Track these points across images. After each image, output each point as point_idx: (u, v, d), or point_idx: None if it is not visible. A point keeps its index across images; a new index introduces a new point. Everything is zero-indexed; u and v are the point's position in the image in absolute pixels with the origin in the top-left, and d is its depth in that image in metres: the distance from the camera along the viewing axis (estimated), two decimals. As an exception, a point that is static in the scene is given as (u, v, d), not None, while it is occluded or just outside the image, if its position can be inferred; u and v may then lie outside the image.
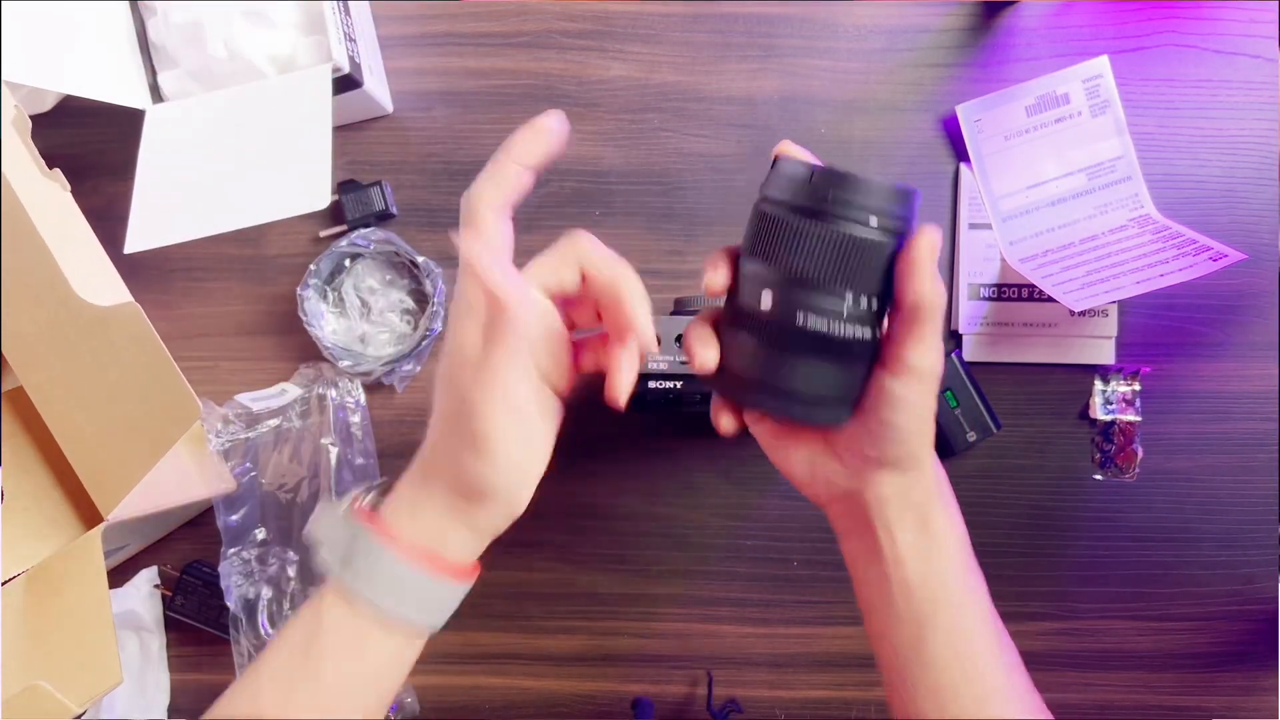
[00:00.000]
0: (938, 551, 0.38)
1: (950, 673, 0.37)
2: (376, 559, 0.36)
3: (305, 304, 0.58)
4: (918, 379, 0.36)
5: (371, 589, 0.36)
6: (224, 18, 0.54)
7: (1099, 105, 0.58)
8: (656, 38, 0.60)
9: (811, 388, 0.37)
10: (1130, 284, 0.53)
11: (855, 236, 0.34)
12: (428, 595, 0.38)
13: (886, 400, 0.36)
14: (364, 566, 0.36)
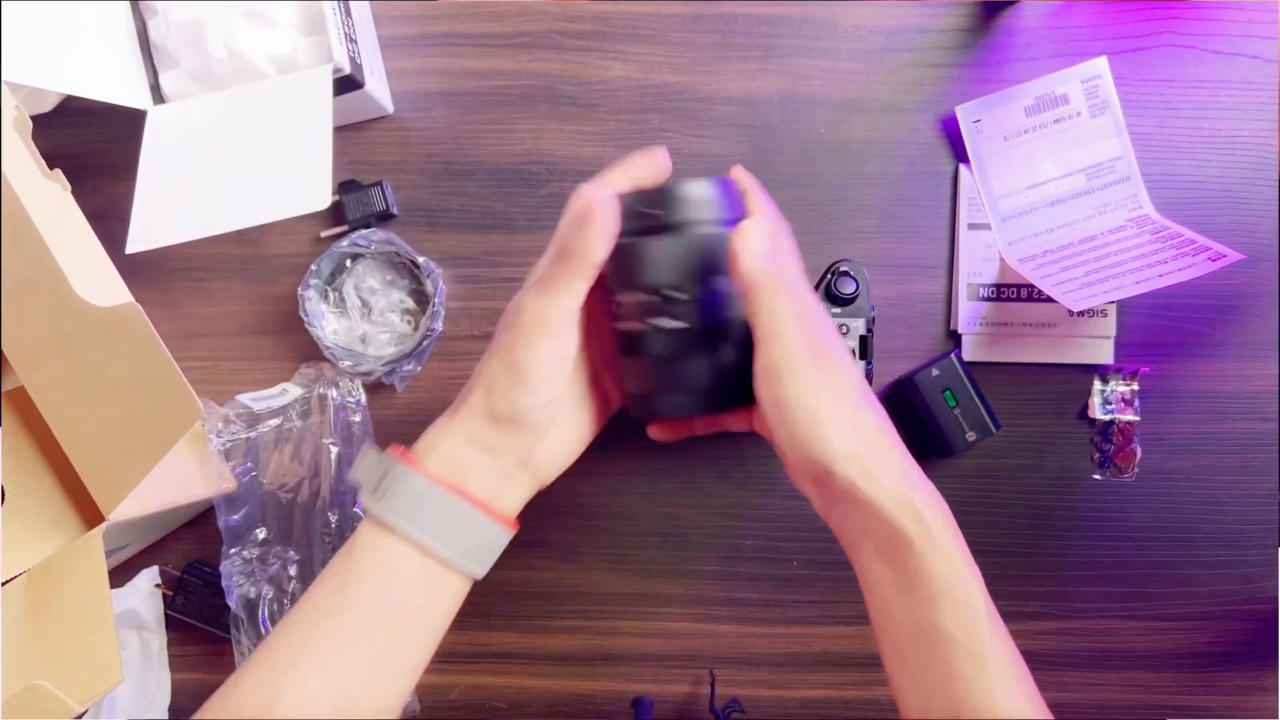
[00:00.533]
0: (918, 592, 0.35)
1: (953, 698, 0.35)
2: (401, 483, 0.38)
3: (306, 304, 0.59)
4: (773, 350, 0.36)
5: (395, 511, 0.37)
6: (224, 18, 0.54)
7: (1098, 106, 0.58)
8: (656, 38, 0.60)
9: (701, 379, 0.40)
10: (1129, 284, 0.53)
11: (680, 238, 0.39)
12: (451, 521, 0.38)
13: (763, 393, 0.37)
14: (390, 492, 0.38)
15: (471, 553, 0.39)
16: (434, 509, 0.38)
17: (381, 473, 0.39)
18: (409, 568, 0.38)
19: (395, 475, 0.38)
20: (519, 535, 0.61)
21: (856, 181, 0.60)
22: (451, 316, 0.61)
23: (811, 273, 0.57)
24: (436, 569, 0.39)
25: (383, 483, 0.38)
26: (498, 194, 0.61)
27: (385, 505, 0.38)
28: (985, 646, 0.35)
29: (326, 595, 0.38)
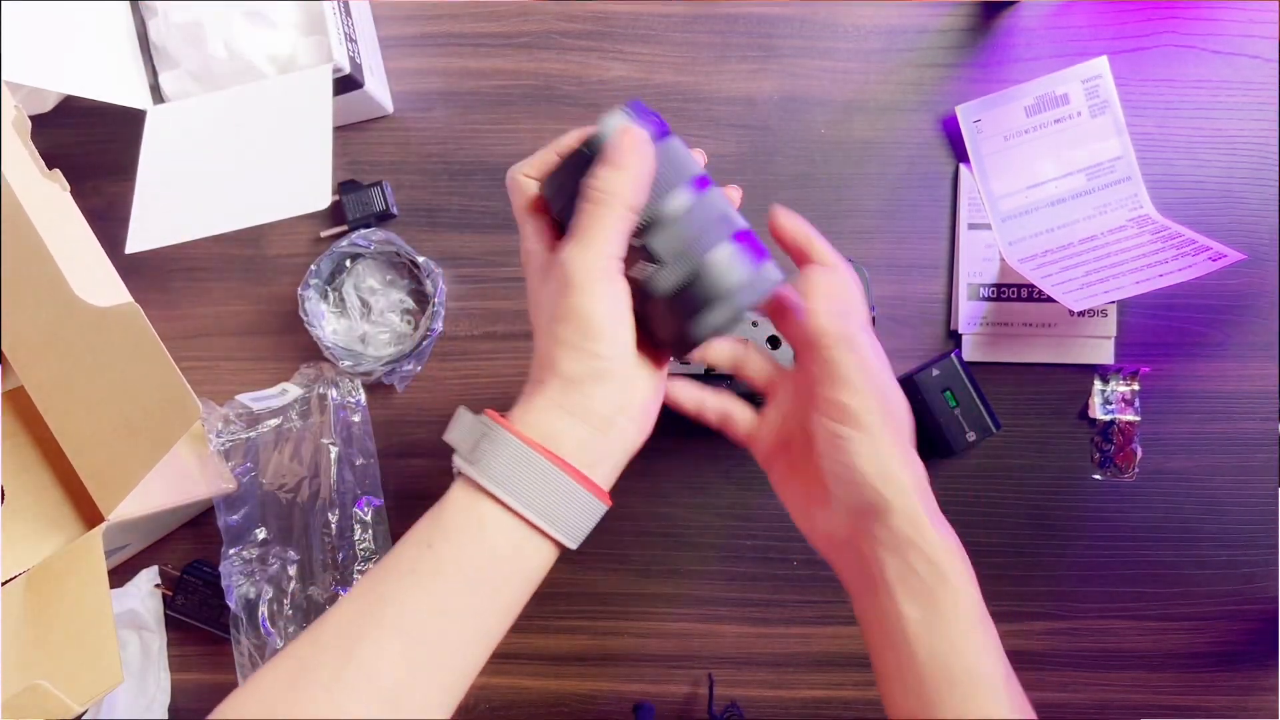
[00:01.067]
0: (946, 625, 0.37)
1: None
2: (499, 446, 0.37)
3: (306, 304, 0.59)
4: (846, 397, 0.37)
5: (491, 473, 0.36)
6: (224, 18, 0.54)
7: (1098, 105, 0.58)
8: (656, 38, 0.60)
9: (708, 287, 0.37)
10: (1129, 284, 0.53)
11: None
12: (545, 486, 0.37)
13: (829, 442, 0.38)
14: (487, 454, 0.37)
15: (564, 520, 0.38)
16: (529, 473, 0.37)
17: (478, 435, 0.37)
18: (500, 532, 0.37)
19: (492, 438, 0.37)
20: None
21: (856, 181, 0.60)
22: (451, 316, 0.61)
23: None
24: (526, 535, 0.37)
25: (479, 445, 0.37)
26: (498, 194, 0.61)
27: (481, 468, 0.37)
28: (999, 682, 0.36)
29: (413, 554, 0.37)
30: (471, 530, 0.37)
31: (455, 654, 0.37)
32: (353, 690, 0.34)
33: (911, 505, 0.37)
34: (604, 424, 0.39)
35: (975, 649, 0.37)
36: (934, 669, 0.36)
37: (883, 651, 0.39)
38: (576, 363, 0.37)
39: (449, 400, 0.61)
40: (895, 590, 0.37)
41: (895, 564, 0.37)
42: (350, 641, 0.35)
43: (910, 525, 0.37)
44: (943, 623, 0.37)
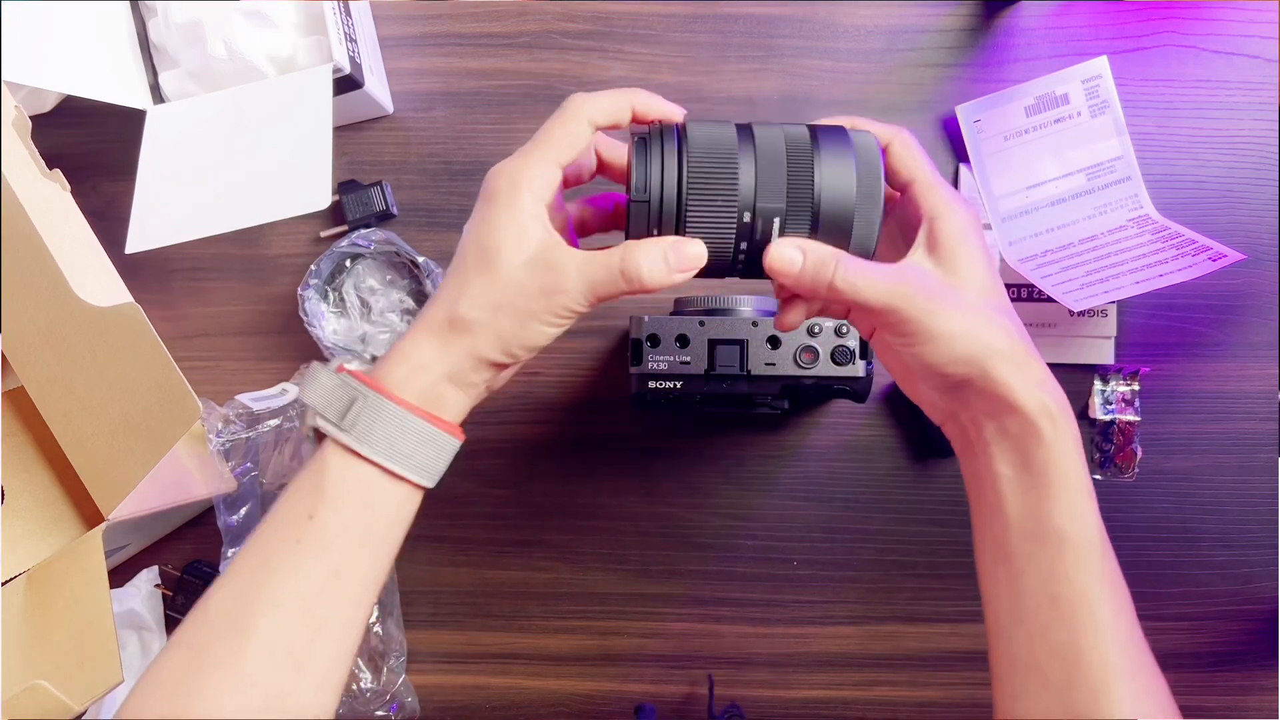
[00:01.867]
0: (1038, 485, 0.36)
1: (1042, 618, 0.36)
2: (376, 415, 0.36)
3: (306, 304, 0.59)
4: (949, 227, 0.37)
5: (371, 442, 0.36)
6: (224, 18, 0.54)
7: (1098, 105, 0.58)
8: (656, 38, 0.60)
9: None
10: (1129, 284, 0.53)
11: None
12: (425, 445, 0.37)
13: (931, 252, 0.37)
14: (367, 421, 0.36)
15: (434, 470, 0.38)
16: (410, 439, 0.37)
17: (348, 399, 0.36)
18: (382, 494, 0.37)
19: (371, 408, 0.36)
20: (519, 535, 0.61)
21: (856, 181, 0.60)
22: (451, 316, 0.61)
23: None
24: (406, 492, 0.38)
25: (351, 410, 0.36)
26: (498, 194, 0.61)
27: (358, 436, 0.36)
28: (1093, 549, 0.36)
29: (298, 526, 0.36)
30: (356, 498, 0.37)
31: (350, 609, 0.37)
32: (259, 662, 0.34)
33: (1001, 365, 0.36)
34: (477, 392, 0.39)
35: (1067, 510, 0.36)
36: (1023, 529, 0.36)
37: (979, 515, 0.38)
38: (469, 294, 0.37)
39: (449, 400, 0.61)
40: (991, 450, 0.37)
41: (991, 426, 0.37)
42: (245, 617, 0.35)
43: (1001, 387, 0.36)
44: (1034, 482, 0.36)
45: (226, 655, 0.35)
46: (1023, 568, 0.37)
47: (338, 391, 0.37)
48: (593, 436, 0.61)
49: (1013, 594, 0.37)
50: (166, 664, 0.35)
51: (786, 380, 0.51)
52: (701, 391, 0.51)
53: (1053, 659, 0.35)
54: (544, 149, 0.38)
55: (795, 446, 0.60)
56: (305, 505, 0.37)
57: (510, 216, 0.37)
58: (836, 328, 0.50)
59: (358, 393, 0.36)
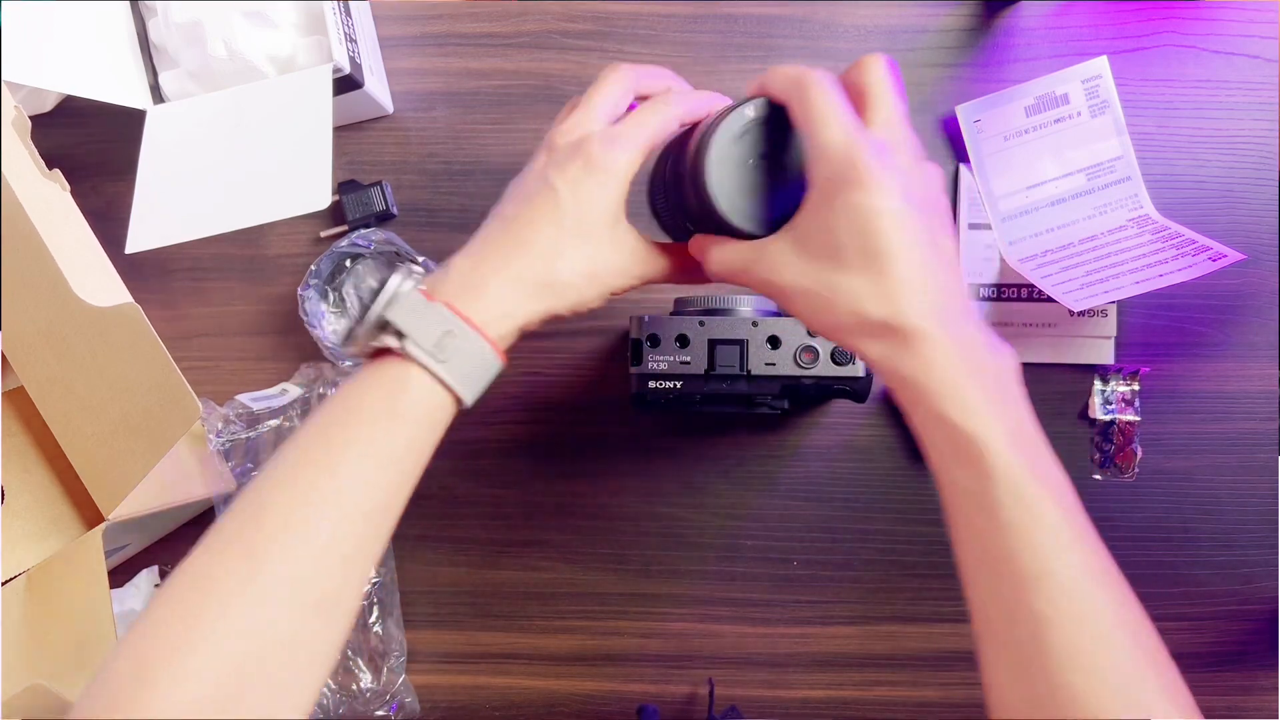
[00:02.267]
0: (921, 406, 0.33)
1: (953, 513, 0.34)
2: (469, 350, 0.38)
3: (306, 304, 0.59)
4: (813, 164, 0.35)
5: (455, 374, 0.37)
6: (224, 18, 0.54)
7: (1098, 105, 0.58)
8: (656, 38, 0.60)
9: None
10: (1129, 284, 0.53)
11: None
12: (486, 372, 0.39)
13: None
14: (454, 354, 0.37)
15: (480, 391, 0.39)
16: (483, 371, 0.38)
17: (443, 329, 0.37)
18: (446, 418, 0.38)
19: (466, 341, 0.37)
20: (519, 535, 0.61)
21: (856, 181, 0.60)
22: (451, 316, 0.61)
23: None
24: (453, 408, 0.39)
25: (445, 341, 0.37)
26: (497, 194, 0.60)
27: (450, 368, 0.37)
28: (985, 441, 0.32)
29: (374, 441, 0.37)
30: (428, 425, 0.38)
31: (388, 531, 0.37)
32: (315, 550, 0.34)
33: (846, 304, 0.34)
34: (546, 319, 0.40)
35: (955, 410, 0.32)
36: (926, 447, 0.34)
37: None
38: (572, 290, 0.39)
39: (449, 400, 0.61)
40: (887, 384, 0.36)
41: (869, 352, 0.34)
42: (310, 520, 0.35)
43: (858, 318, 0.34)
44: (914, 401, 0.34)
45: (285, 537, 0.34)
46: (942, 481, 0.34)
47: (433, 318, 0.38)
48: (593, 436, 0.61)
49: (967, 556, 0.35)
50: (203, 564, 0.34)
51: (786, 380, 0.51)
52: (701, 391, 0.51)
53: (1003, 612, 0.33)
54: (644, 135, 0.40)
55: (795, 446, 0.60)
56: (384, 423, 0.37)
57: (616, 198, 0.39)
58: (836, 328, 0.50)
59: (454, 325, 0.37)
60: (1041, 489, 0.32)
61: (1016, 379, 0.34)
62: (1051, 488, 0.33)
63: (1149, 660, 0.32)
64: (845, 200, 0.34)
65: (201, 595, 0.33)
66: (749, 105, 0.39)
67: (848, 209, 0.34)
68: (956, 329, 0.33)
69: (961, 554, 0.35)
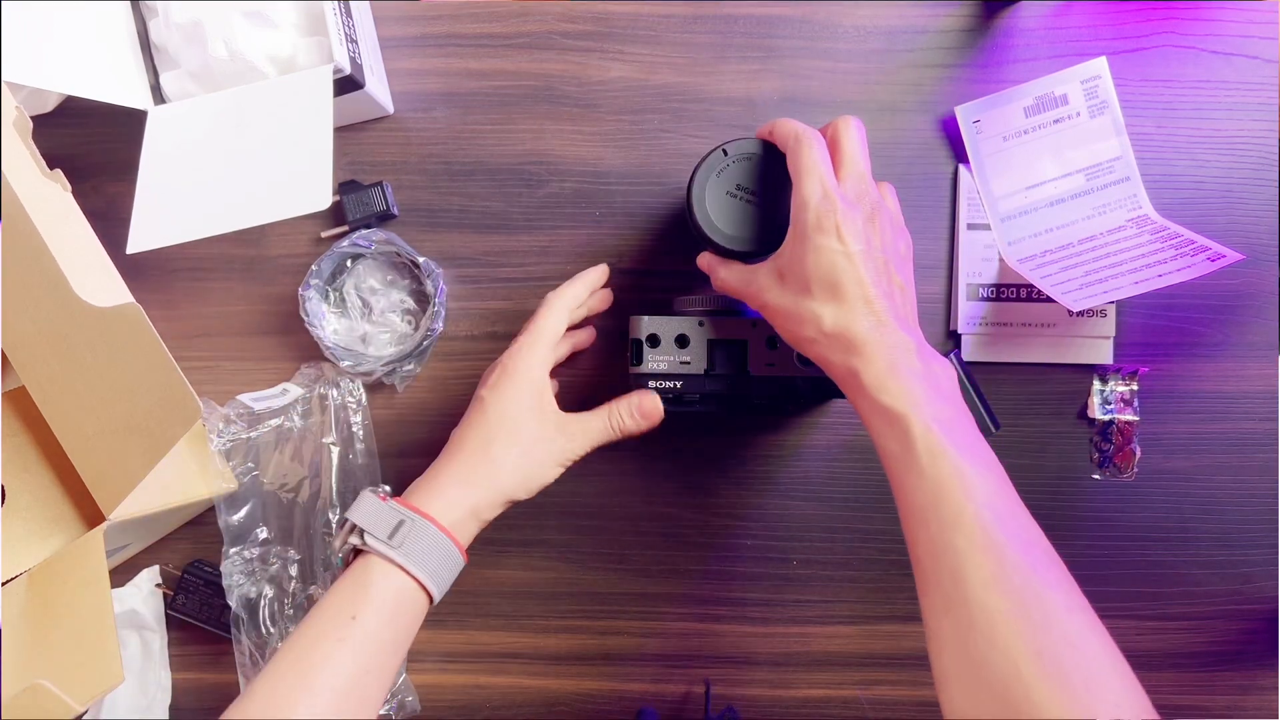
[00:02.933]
0: (865, 403, 0.42)
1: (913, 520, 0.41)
2: (420, 536, 0.45)
3: (307, 304, 0.59)
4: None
5: (413, 558, 0.44)
6: (225, 18, 0.54)
7: (1097, 106, 0.58)
8: (656, 39, 0.60)
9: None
10: (1129, 284, 0.53)
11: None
12: (451, 565, 0.47)
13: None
14: (409, 540, 0.45)
15: (446, 587, 0.47)
16: (440, 557, 0.46)
17: (396, 521, 0.45)
18: (412, 603, 0.45)
19: (417, 530, 0.45)
20: (519, 535, 0.61)
21: (856, 182, 0.60)
22: (452, 316, 0.61)
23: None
24: (424, 600, 0.46)
25: (399, 531, 0.45)
26: (498, 194, 0.61)
27: (404, 553, 0.44)
28: (922, 430, 0.40)
29: (339, 625, 0.43)
30: (391, 605, 0.44)
31: (373, 702, 0.44)
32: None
33: (813, 323, 0.43)
34: (486, 523, 0.49)
35: (894, 397, 0.41)
36: (871, 432, 0.43)
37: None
38: (510, 487, 0.49)
39: (450, 400, 0.61)
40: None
41: (834, 368, 0.44)
42: (284, 705, 0.41)
43: (819, 340, 0.43)
44: (861, 401, 0.42)
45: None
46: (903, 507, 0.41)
47: (386, 515, 0.45)
48: (593, 436, 0.61)
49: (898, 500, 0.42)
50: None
51: (786, 380, 0.51)
52: (701, 391, 0.51)
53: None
54: (540, 337, 0.50)
55: (795, 446, 0.60)
56: (349, 608, 0.43)
57: (530, 391, 0.49)
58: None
59: (405, 517, 0.45)
60: (954, 450, 0.39)
61: (948, 378, 0.43)
62: (965, 450, 0.39)
63: (1043, 566, 0.37)
64: (816, 242, 0.43)
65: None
66: (728, 146, 0.50)
67: (817, 250, 0.43)
68: (894, 339, 0.42)
69: (901, 513, 0.41)
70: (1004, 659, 0.34)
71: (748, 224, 0.50)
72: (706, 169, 0.50)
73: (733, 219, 0.50)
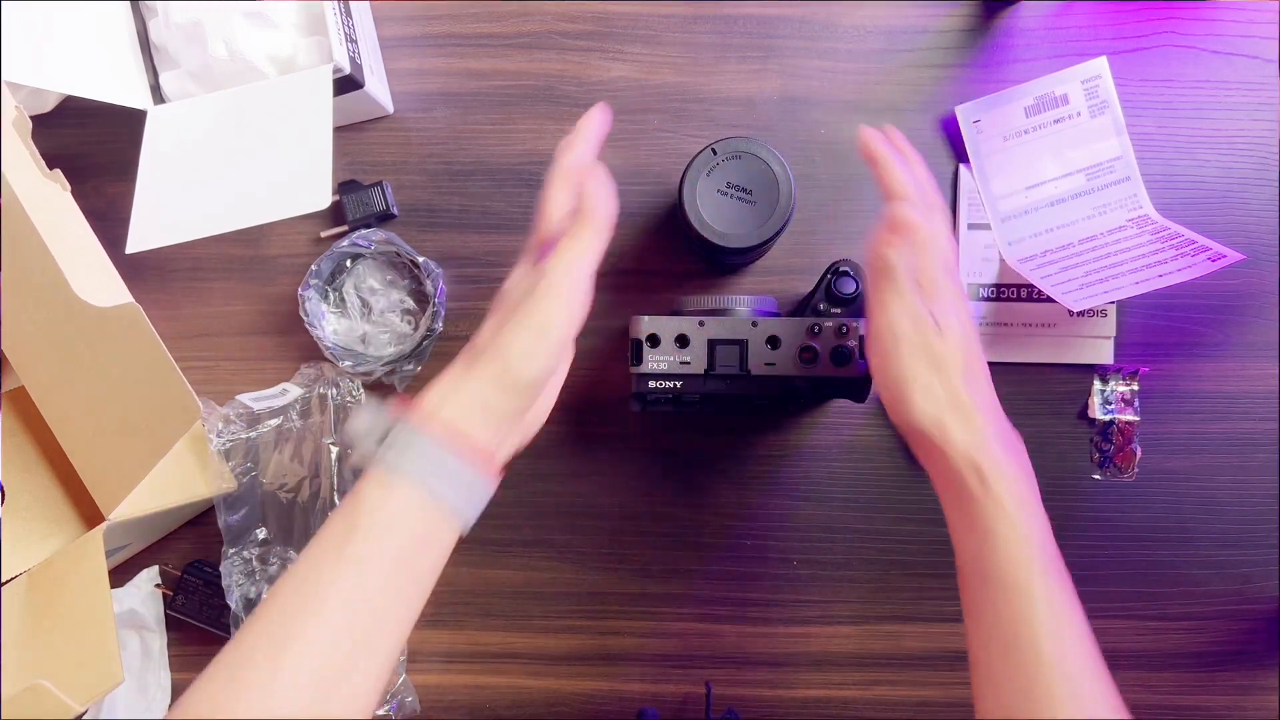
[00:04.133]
0: (977, 538, 0.40)
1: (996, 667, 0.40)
2: (412, 437, 0.39)
3: (306, 304, 0.59)
4: (882, 350, 0.42)
5: (407, 463, 0.38)
6: (225, 18, 0.54)
7: (1098, 106, 0.58)
8: (656, 39, 0.60)
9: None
10: (1129, 284, 0.53)
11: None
12: (457, 474, 0.39)
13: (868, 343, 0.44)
14: (400, 445, 0.39)
15: (468, 504, 0.40)
16: (441, 464, 0.39)
17: (387, 427, 0.39)
18: (414, 520, 0.39)
19: (403, 430, 0.39)
20: (520, 535, 0.61)
21: (856, 181, 0.60)
22: (451, 316, 0.61)
23: (811, 273, 0.57)
24: (436, 519, 0.39)
25: (390, 435, 0.39)
26: (498, 194, 0.61)
27: (395, 458, 0.38)
28: (1034, 596, 0.39)
29: (335, 547, 0.38)
30: (387, 521, 0.38)
31: (382, 639, 0.38)
32: (287, 684, 0.35)
33: (934, 417, 0.41)
34: (515, 422, 0.42)
35: (1005, 559, 0.39)
36: (970, 570, 0.41)
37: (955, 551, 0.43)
38: (525, 368, 0.40)
39: (449, 400, 0.61)
40: (940, 495, 0.43)
41: (934, 474, 0.43)
42: (285, 632, 0.36)
43: (936, 443, 0.41)
44: (971, 530, 0.41)
45: (262, 672, 0.35)
46: (978, 609, 0.41)
47: (377, 422, 0.40)
48: (593, 436, 0.61)
49: (975, 634, 0.41)
50: (204, 686, 0.36)
51: (786, 380, 0.51)
52: (701, 391, 0.51)
53: (1013, 702, 0.39)
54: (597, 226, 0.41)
55: (795, 446, 0.60)
56: (342, 529, 0.38)
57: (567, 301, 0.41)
58: (836, 328, 0.50)
59: (393, 421, 0.39)
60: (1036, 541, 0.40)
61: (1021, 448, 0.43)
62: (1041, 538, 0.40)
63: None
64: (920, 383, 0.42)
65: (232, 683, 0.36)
66: (716, 145, 0.51)
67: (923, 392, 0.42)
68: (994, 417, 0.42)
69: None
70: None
71: (739, 221, 0.51)
72: (697, 168, 0.51)
73: (724, 217, 0.51)
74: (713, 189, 0.51)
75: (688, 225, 0.51)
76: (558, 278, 0.40)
